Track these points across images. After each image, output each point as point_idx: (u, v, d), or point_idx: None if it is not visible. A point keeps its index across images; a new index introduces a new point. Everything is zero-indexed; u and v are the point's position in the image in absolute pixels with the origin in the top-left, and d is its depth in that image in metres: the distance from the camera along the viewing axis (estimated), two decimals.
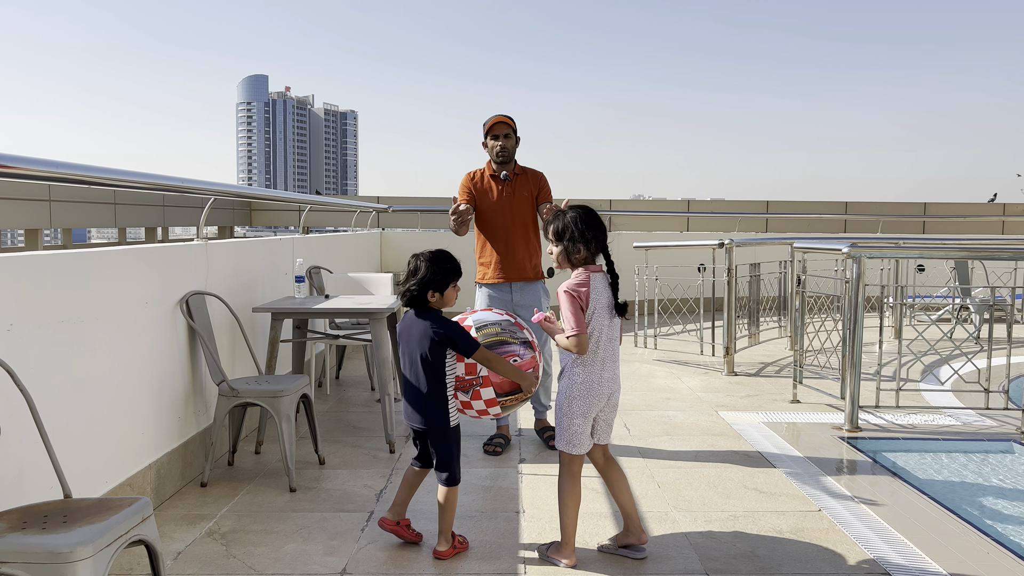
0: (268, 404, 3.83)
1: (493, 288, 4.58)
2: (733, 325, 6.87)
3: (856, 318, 4.99)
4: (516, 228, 4.54)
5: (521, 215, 4.53)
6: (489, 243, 4.59)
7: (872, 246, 5.00)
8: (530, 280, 4.57)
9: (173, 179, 3.89)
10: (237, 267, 4.68)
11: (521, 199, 4.54)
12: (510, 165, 4.55)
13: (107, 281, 3.22)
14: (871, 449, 4.67)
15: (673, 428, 5.00)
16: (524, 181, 4.58)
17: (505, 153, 4.49)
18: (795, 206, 16.60)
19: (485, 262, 4.62)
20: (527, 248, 4.56)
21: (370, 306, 4.49)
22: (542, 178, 4.64)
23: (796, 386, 5.79)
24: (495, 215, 4.55)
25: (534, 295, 4.57)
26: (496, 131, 4.49)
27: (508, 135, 4.50)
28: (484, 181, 4.60)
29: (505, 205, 4.53)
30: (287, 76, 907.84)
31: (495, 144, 4.49)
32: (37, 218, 9.47)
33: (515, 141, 4.55)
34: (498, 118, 4.50)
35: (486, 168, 4.63)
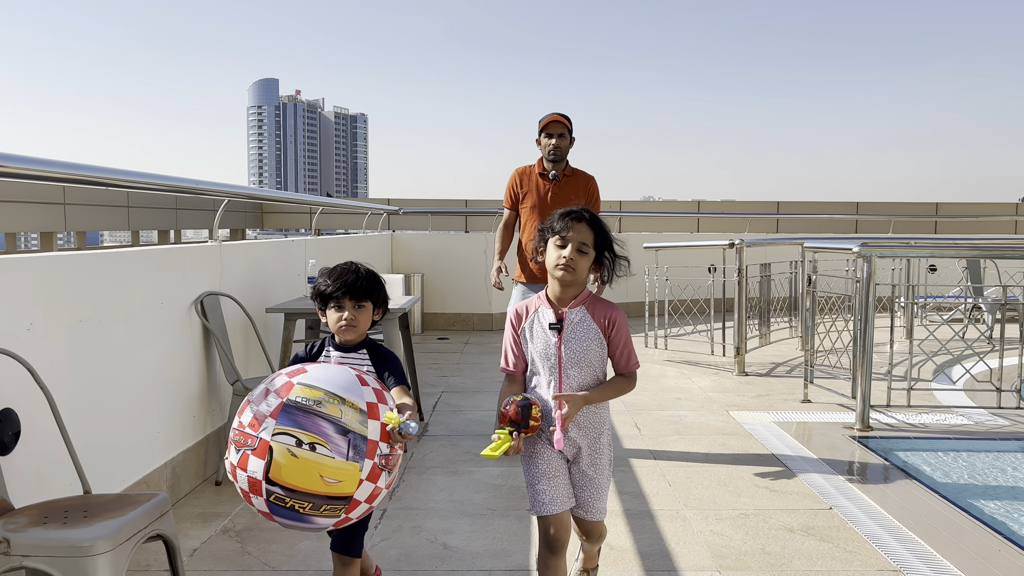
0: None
1: (530, 287, 4.50)
2: (744, 325, 6.88)
3: (867, 318, 4.99)
4: None
5: None
6: (529, 242, 4.48)
7: (883, 245, 5.00)
8: None
9: (189, 181, 3.94)
10: (251, 268, 4.73)
11: (567, 201, 4.33)
12: (561, 165, 4.48)
13: (124, 282, 3.26)
14: (882, 448, 4.67)
15: (684, 428, 5.01)
16: (573, 183, 4.49)
17: (558, 152, 4.40)
18: (806, 206, 16.56)
19: (524, 261, 4.53)
20: None
21: None
22: (592, 184, 4.52)
23: (807, 386, 5.80)
24: (538, 214, 4.45)
25: None
26: (551, 129, 4.41)
27: (563, 134, 4.41)
28: (532, 178, 4.53)
29: (550, 205, 4.43)
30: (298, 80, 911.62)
31: (548, 142, 4.41)
32: (52, 221, 9.56)
33: (569, 141, 4.45)
34: (553, 116, 4.41)
35: (536, 165, 4.56)
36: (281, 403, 2.03)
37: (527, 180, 4.56)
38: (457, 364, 7.28)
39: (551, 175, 4.48)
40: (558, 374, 2.38)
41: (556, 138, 4.40)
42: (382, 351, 2.47)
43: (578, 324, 2.38)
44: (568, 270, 2.31)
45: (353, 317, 2.39)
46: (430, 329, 9.65)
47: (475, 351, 8.04)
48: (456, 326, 9.69)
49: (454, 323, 9.68)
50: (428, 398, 5.85)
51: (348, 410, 2.04)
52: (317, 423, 2.00)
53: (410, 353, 5.20)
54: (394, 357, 2.46)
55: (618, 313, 2.42)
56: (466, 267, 9.64)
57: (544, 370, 2.41)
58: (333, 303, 2.39)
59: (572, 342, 2.37)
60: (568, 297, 2.41)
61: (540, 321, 2.43)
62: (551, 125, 4.42)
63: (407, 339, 5.17)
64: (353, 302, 2.38)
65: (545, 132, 4.44)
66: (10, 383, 2.49)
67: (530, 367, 2.47)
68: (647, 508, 3.60)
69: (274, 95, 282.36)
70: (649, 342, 8.37)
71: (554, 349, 2.38)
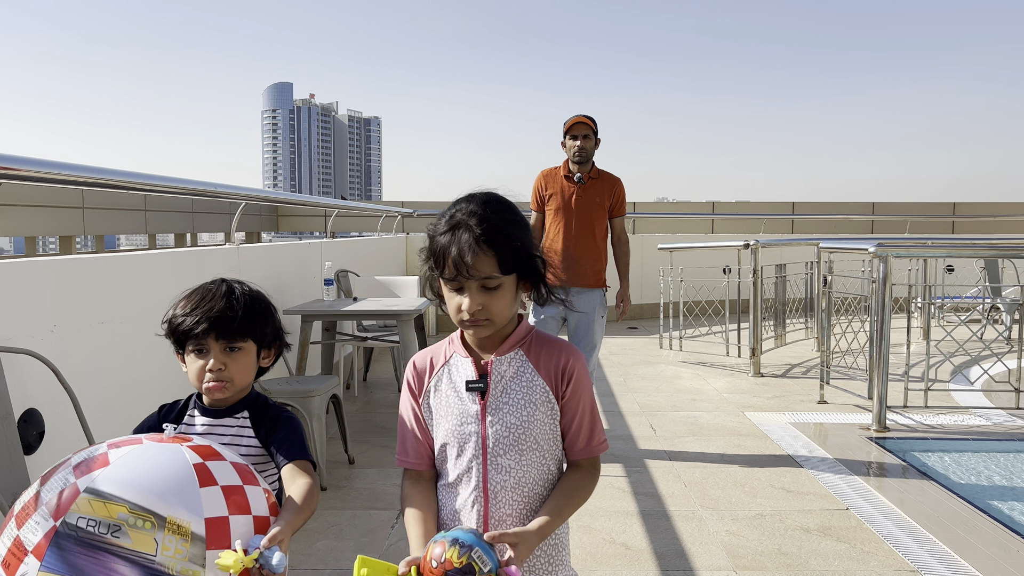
0: (299, 404, 3.90)
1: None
2: (759, 326, 6.86)
3: (883, 318, 4.97)
4: (583, 232, 4.41)
5: (588, 220, 4.41)
6: (554, 242, 4.50)
7: (899, 245, 4.98)
8: (590, 287, 4.41)
9: (207, 184, 3.99)
10: (268, 270, 4.77)
11: (592, 204, 4.42)
12: (587, 166, 4.45)
13: (143, 284, 3.30)
14: (899, 449, 4.65)
15: (699, 429, 5.01)
16: (598, 186, 4.46)
17: (583, 154, 4.37)
18: (821, 207, 16.49)
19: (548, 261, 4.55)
20: (591, 254, 4.41)
21: (398, 308, 4.56)
22: (618, 187, 4.48)
23: (823, 387, 5.78)
24: (562, 216, 4.45)
25: (590, 303, 4.39)
26: (576, 131, 4.38)
27: (588, 136, 4.36)
28: (557, 180, 4.51)
29: (574, 207, 4.43)
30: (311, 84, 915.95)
31: (573, 144, 4.38)
32: (71, 225, 9.67)
33: (595, 142, 4.42)
34: (578, 118, 4.40)
35: (562, 167, 4.53)
36: (53, 529, 1.20)
37: (552, 182, 4.54)
38: None
39: (576, 177, 4.46)
40: (482, 469, 1.51)
41: (581, 139, 4.38)
42: (271, 411, 1.68)
43: (512, 380, 1.53)
44: (480, 325, 1.48)
45: (222, 366, 1.62)
46: (444, 330, 9.69)
47: None
48: None
49: None
50: None
51: (169, 539, 1.21)
52: (108, 567, 1.18)
53: None
54: (290, 420, 1.66)
55: (575, 358, 1.57)
56: None
57: (457, 463, 1.53)
58: (192, 344, 1.64)
59: (504, 410, 1.51)
60: (495, 339, 1.55)
61: (452, 378, 1.56)
62: (576, 127, 4.40)
63: (422, 340, 5.20)
64: (223, 343, 1.63)
65: (570, 134, 4.42)
66: (35, 383, 2.54)
67: (438, 456, 1.57)
68: (663, 509, 3.60)
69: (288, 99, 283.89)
70: (664, 343, 8.36)
71: (475, 425, 1.51)
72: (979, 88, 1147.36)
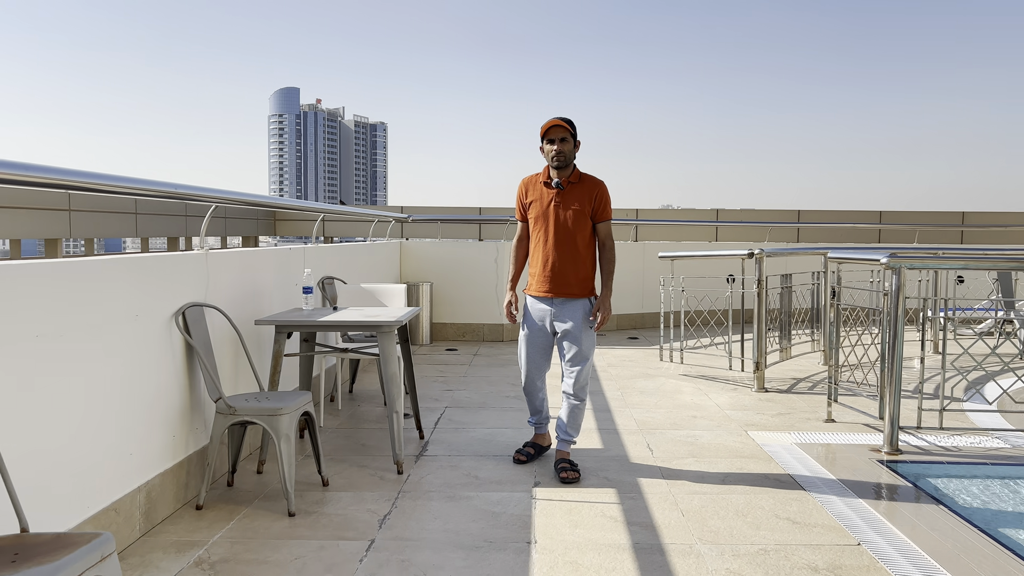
0: (266, 423, 3.62)
1: (536, 300, 4.34)
2: (764, 339, 6.56)
3: (896, 333, 4.67)
4: (563, 240, 4.21)
5: (570, 227, 4.20)
6: (535, 252, 4.34)
7: (912, 256, 4.68)
8: (575, 296, 4.23)
9: (172, 186, 3.71)
10: (242, 277, 4.49)
11: (572, 210, 4.21)
12: (567, 171, 4.25)
13: (89, 293, 3.03)
14: (912, 474, 4.35)
15: (699, 449, 4.71)
16: (579, 191, 4.24)
17: (561, 158, 4.17)
18: (827, 215, 16.20)
19: (532, 272, 4.36)
20: (574, 262, 4.21)
21: (378, 319, 4.27)
22: (600, 190, 4.25)
23: (831, 404, 5.47)
24: (542, 224, 4.27)
25: (576, 313, 4.21)
26: (552, 135, 4.18)
27: (565, 139, 4.17)
28: (537, 187, 4.33)
29: (553, 214, 4.23)
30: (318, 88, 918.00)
31: (551, 148, 4.19)
32: (57, 228, 9.41)
33: (573, 145, 4.22)
34: (554, 121, 4.18)
35: (542, 173, 4.34)
36: None
37: (533, 189, 4.35)
38: (464, 377, 7.01)
39: (555, 183, 4.25)
40: None
41: (558, 143, 4.17)
42: None
43: None
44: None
45: None
46: (439, 340, 9.40)
47: (483, 363, 7.77)
48: (466, 336, 9.43)
49: (464, 333, 9.42)
50: (431, 413, 5.59)
51: None
52: None
53: (409, 368, 4.94)
54: None
55: None
56: (476, 276, 9.39)
57: None
58: None
59: None
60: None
61: None
62: (552, 130, 4.19)
63: (407, 353, 4.91)
64: None
65: (546, 138, 4.22)
66: None
67: None
68: (658, 542, 3.30)
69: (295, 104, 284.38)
70: (664, 355, 8.06)
71: None
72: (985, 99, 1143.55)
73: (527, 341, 4.39)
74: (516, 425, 5.28)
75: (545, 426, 4.58)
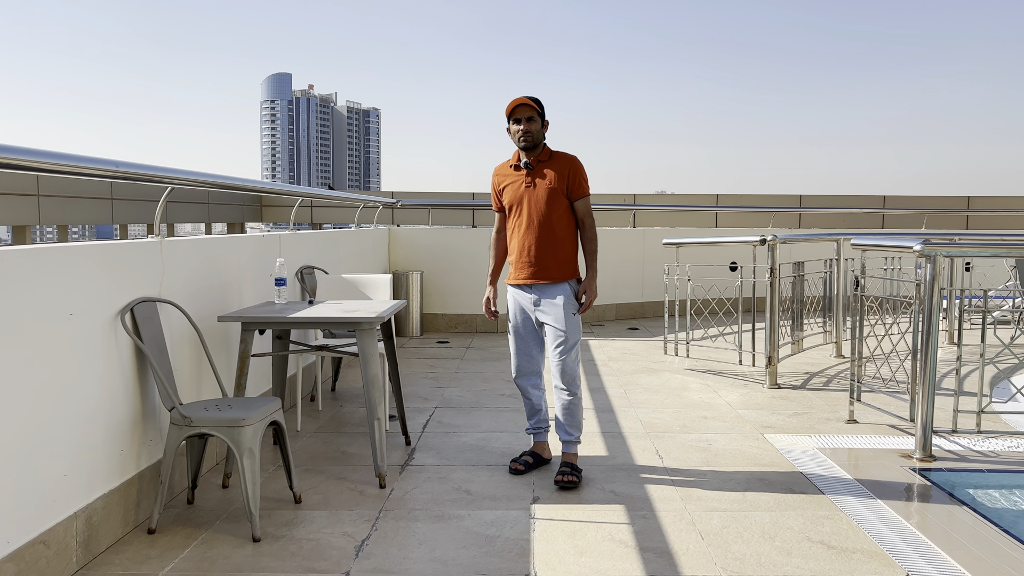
0: (225, 435, 3.16)
1: (517, 289, 4.03)
2: (776, 332, 6.12)
3: (929, 328, 4.24)
4: (538, 222, 3.89)
5: (544, 208, 3.88)
6: (512, 240, 4.03)
7: (950, 243, 4.23)
8: (555, 280, 3.90)
9: (110, 163, 3.22)
10: (205, 269, 4.02)
11: (543, 189, 3.89)
12: (536, 151, 3.92)
13: (9, 289, 2.56)
14: (950, 483, 3.93)
15: (713, 456, 4.28)
16: (550, 169, 3.91)
17: (529, 138, 3.86)
18: (829, 200, 15.78)
19: (511, 260, 4.06)
20: (552, 245, 3.88)
21: (357, 314, 3.82)
22: (574, 166, 3.92)
23: (853, 403, 5.04)
24: (516, 209, 3.97)
25: (556, 297, 3.90)
26: (518, 114, 3.86)
27: (531, 118, 3.85)
28: (508, 172, 4.03)
29: (525, 197, 3.92)
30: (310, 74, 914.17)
31: (517, 129, 3.87)
32: (25, 214, 8.92)
33: (541, 124, 3.90)
34: (518, 100, 3.86)
35: (512, 157, 4.03)
36: None
37: (504, 175, 4.05)
38: (455, 373, 6.56)
39: (523, 163, 3.94)
40: None
41: (525, 123, 3.86)
42: None
43: None
44: None
45: None
46: (430, 331, 8.94)
47: (476, 357, 7.32)
48: (459, 328, 8.98)
49: (456, 324, 8.97)
50: (419, 415, 5.14)
51: None
52: None
53: (394, 366, 4.48)
54: None
55: None
56: (469, 264, 8.92)
57: None
58: None
59: None
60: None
61: None
62: (518, 110, 3.87)
63: (391, 350, 4.45)
64: None
65: (512, 118, 3.90)
66: None
67: None
68: (677, 574, 2.87)
69: (287, 90, 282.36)
70: (669, 348, 7.61)
71: None
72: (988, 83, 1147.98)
73: (513, 330, 4.10)
74: (512, 428, 4.84)
75: (545, 434, 4.14)
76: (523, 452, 4.12)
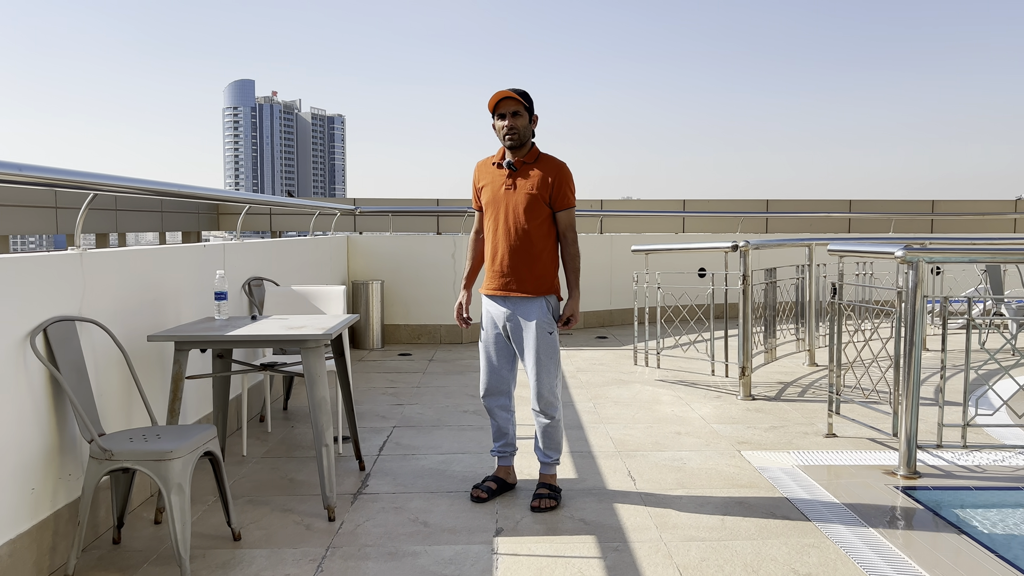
0: (151, 470, 2.83)
1: (490, 301, 3.70)
2: (749, 341, 5.90)
3: (912, 338, 4.03)
4: (513, 229, 3.55)
5: (522, 214, 3.54)
6: (487, 244, 3.69)
7: (933, 248, 4.03)
8: (529, 295, 3.56)
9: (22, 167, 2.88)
10: (136, 283, 3.68)
11: (523, 194, 3.54)
12: (523, 150, 3.57)
13: None
14: (937, 503, 3.72)
15: (688, 477, 4.02)
16: (533, 173, 3.56)
17: (514, 135, 3.50)
18: (796, 204, 15.74)
19: (486, 266, 3.73)
20: (528, 256, 3.55)
21: (302, 331, 3.50)
22: (561, 173, 3.57)
23: (831, 416, 4.83)
24: (492, 211, 3.63)
25: (529, 315, 3.57)
26: (502, 108, 3.51)
27: (518, 112, 3.50)
28: (489, 169, 3.68)
29: (503, 200, 3.58)
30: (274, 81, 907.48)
31: (502, 125, 3.52)
32: None
33: (528, 120, 3.54)
34: (503, 93, 3.49)
35: (496, 154, 3.69)
36: None
37: (485, 172, 3.71)
38: (417, 388, 6.25)
39: (506, 163, 3.59)
40: None
41: (510, 118, 3.50)
42: None
43: None
44: None
45: None
46: (392, 343, 8.61)
47: (439, 370, 7.01)
48: (422, 339, 8.66)
49: (419, 336, 8.65)
50: (375, 436, 4.82)
51: None
52: None
53: (346, 386, 4.16)
54: None
55: None
56: (432, 273, 8.61)
57: None
58: None
59: None
60: None
61: None
62: (503, 103, 3.52)
63: (342, 369, 4.13)
64: None
65: (497, 113, 3.55)
66: None
67: None
68: None
69: (250, 96, 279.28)
70: (639, 358, 7.36)
71: None
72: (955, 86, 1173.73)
73: (484, 345, 3.76)
74: (475, 449, 4.54)
75: (511, 458, 3.85)
76: (486, 477, 3.83)
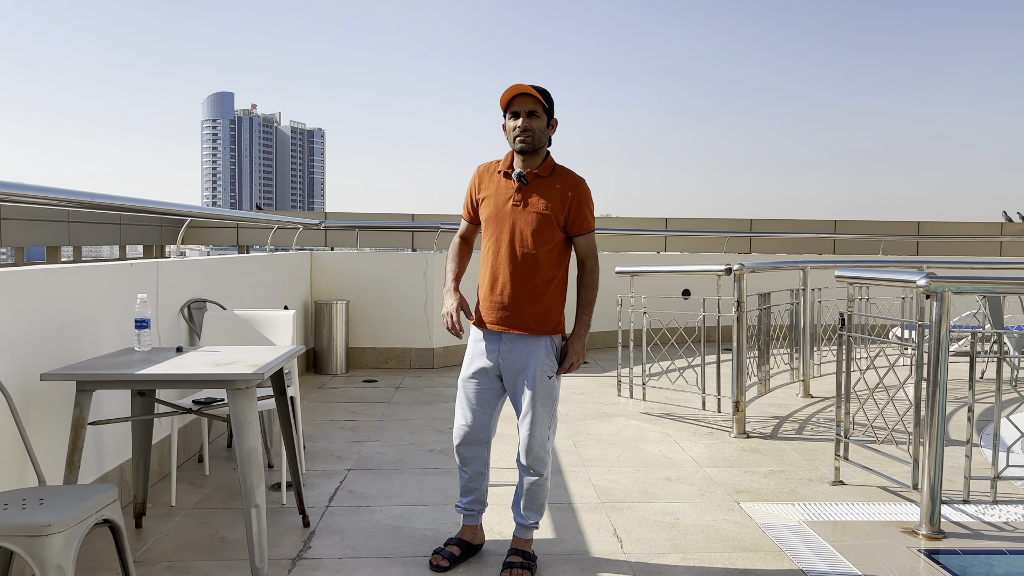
0: (21, 548, 2.25)
1: (482, 335, 3.08)
2: (744, 374, 5.40)
3: (937, 377, 3.55)
4: (519, 254, 2.95)
5: (530, 237, 2.95)
6: (484, 268, 3.08)
7: (955, 278, 3.55)
8: (531, 333, 2.98)
9: None
10: (37, 309, 3.10)
11: (533, 214, 2.95)
12: (536, 159, 2.99)
13: None
14: (961, 567, 3.24)
15: (683, 536, 3.49)
16: (548, 188, 2.98)
17: (529, 137, 2.92)
18: (781, 224, 15.39)
19: (480, 294, 3.10)
20: (532, 286, 2.97)
21: (230, 369, 2.94)
22: (580, 191, 3.00)
23: (839, 460, 4.33)
24: (493, 230, 3.02)
25: (527, 355, 2.99)
26: (516, 106, 2.93)
27: (534, 113, 2.92)
28: (494, 178, 3.07)
29: (509, 218, 2.98)
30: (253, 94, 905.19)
31: (514, 125, 2.93)
32: None
33: (547, 123, 2.97)
34: (519, 88, 2.92)
35: (503, 161, 3.07)
36: None
37: (488, 181, 3.08)
38: (380, 421, 5.68)
39: (516, 174, 2.98)
40: None
41: (525, 117, 2.91)
42: None
43: None
44: None
45: None
46: (357, 368, 8.03)
47: (406, 400, 6.44)
48: (389, 363, 8.08)
49: (387, 360, 8.07)
50: (326, 481, 4.25)
51: None
52: None
53: (289, 430, 3.60)
54: None
55: None
56: (401, 292, 8.06)
57: None
58: None
59: None
60: None
61: None
62: (517, 100, 2.93)
63: (283, 409, 3.56)
64: None
65: (510, 111, 2.96)
66: None
67: None
68: None
69: (229, 109, 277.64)
70: (623, 388, 6.84)
71: None
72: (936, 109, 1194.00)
73: (464, 385, 3.13)
74: (439, 499, 3.98)
75: (479, 517, 3.29)
76: (448, 540, 3.27)
